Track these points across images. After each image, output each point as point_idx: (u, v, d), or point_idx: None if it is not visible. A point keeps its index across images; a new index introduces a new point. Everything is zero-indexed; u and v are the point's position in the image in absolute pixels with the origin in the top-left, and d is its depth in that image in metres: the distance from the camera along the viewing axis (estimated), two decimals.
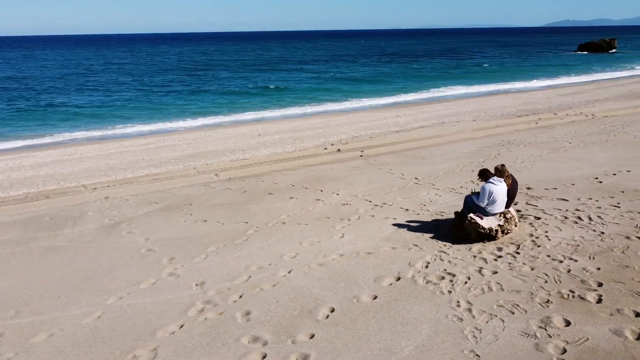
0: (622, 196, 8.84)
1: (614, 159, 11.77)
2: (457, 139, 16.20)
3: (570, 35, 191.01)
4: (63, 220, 9.79)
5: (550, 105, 23.89)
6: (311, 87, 38.12)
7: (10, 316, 5.98)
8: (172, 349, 4.97)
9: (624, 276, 5.77)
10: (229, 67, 60.89)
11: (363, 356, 4.58)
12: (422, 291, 5.77)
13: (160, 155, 16.70)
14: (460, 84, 37.61)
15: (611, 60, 60.55)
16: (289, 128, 21.74)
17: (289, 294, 5.98)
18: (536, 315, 5.01)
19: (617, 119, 18.12)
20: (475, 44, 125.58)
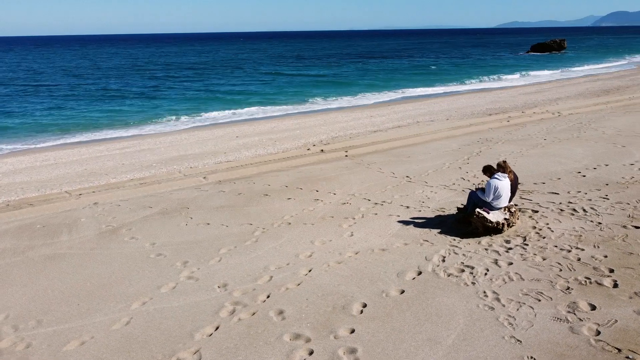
0: (607, 188, 9.38)
1: (590, 154, 12.42)
2: (436, 138, 16.65)
3: (521, 36, 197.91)
4: (56, 227, 9.55)
5: (516, 103, 24.81)
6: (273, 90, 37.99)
7: (33, 326, 5.85)
8: (215, 349, 5.01)
9: (631, 262, 6.19)
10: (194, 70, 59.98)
11: (408, 347, 4.76)
12: (447, 284, 6.01)
13: (140, 159, 16.42)
14: (424, 84, 38.46)
15: (563, 59, 63.24)
16: (265, 130, 21.74)
17: (316, 291, 6.10)
18: (562, 302, 5.33)
19: (582, 115, 19.04)
20: (432, 44, 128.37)
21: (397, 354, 4.67)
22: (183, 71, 56.35)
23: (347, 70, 54.52)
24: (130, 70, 58.30)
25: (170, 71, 56.87)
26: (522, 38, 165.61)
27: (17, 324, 5.92)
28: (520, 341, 4.68)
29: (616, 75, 38.01)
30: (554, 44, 77.67)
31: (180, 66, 65.38)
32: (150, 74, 52.93)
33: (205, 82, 43.62)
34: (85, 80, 47.26)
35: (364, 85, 38.77)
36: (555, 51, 77.40)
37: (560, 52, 76.88)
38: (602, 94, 25.95)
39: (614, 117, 18.30)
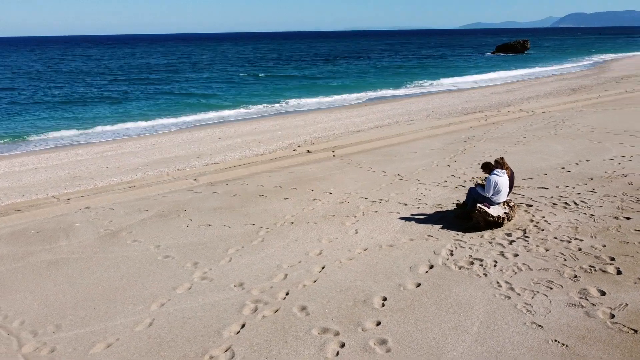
0: (593, 183, 9.87)
1: (570, 150, 12.98)
2: (419, 137, 17.02)
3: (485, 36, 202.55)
4: (52, 233, 9.42)
5: (489, 103, 25.52)
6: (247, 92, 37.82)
7: (52, 331, 5.82)
8: (246, 346, 5.11)
9: (629, 250, 6.59)
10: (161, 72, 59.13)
11: (436, 336, 4.98)
12: (459, 276, 6.26)
13: (123, 163, 16.23)
14: (396, 85, 39.04)
15: (527, 60, 65.16)
16: (247, 131, 21.75)
17: (334, 287, 6.26)
18: (572, 289, 5.65)
19: (555, 114, 19.78)
20: (399, 45, 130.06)
21: (427, 343, 4.89)
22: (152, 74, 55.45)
23: (317, 71, 54.80)
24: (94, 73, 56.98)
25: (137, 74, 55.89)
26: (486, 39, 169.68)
27: (35, 329, 5.87)
28: (542, 326, 4.96)
29: (580, 75, 39.46)
30: (517, 44, 79.92)
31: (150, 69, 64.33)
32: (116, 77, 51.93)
33: (174, 85, 42.98)
34: (50, 84, 45.99)
35: (337, 86, 39.09)
36: (519, 52, 79.64)
37: (524, 53, 79.15)
38: (570, 93, 26.95)
39: (585, 115, 19.08)
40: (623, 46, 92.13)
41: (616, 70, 41.10)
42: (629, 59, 56.77)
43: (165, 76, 51.77)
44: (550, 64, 56.76)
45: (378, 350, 4.83)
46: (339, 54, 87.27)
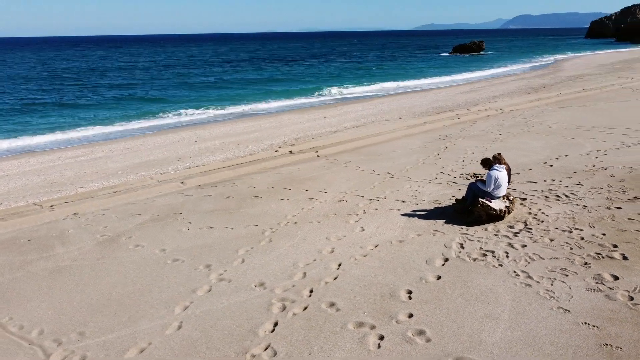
0: (577, 176, 10.40)
1: (547, 146, 13.58)
2: (397, 136, 17.36)
3: (439, 37, 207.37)
4: (45, 240, 9.15)
5: (458, 102, 26.25)
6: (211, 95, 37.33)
7: (76, 339, 5.70)
8: (286, 343, 5.18)
9: (628, 237, 7.03)
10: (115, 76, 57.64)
11: (471, 325, 5.19)
12: (476, 267, 6.52)
13: (101, 167, 15.84)
14: (360, 85, 39.45)
15: (483, 60, 67.22)
16: (222, 133, 21.58)
17: (357, 283, 6.40)
18: (587, 275, 6.00)
19: (524, 112, 20.58)
20: (357, 46, 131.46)
21: (464, 332, 5.09)
22: (105, 78, 53.84)
23: (276, 72, 54.44)
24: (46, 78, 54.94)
25: (95, 77, 54.27)
26: (441, 39, 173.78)
27: (57, 338, 5.74)
28: (568, 310, 5.26)
29: (537, 75, 41.06)
30: (473, 45, 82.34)
31: (104, 71, 62.55)
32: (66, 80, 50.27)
33: (130, 90, 41.66)
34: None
35: (300, 88, 39.05)
36: (475, 52, 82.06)
37: (480, 54, 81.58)
38: (533, 92, 28.05)
39: (551, 112, 19.95)
40: (570, 46, 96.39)
41: (569, 70, 42.99)
42: (577, 59, 59.45)
43: (124, 79, 50.46)
44: (506, 63, 58.76)
45: (418, 341, 5.00)
46: (296, 56, 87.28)
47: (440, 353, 4.77)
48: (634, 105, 20.34)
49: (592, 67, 44.40)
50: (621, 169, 10.69)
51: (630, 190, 9.19)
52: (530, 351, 4.68)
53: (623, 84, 28.07)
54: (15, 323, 6.17)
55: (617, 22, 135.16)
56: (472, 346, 4.83)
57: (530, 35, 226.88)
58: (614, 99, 22.51)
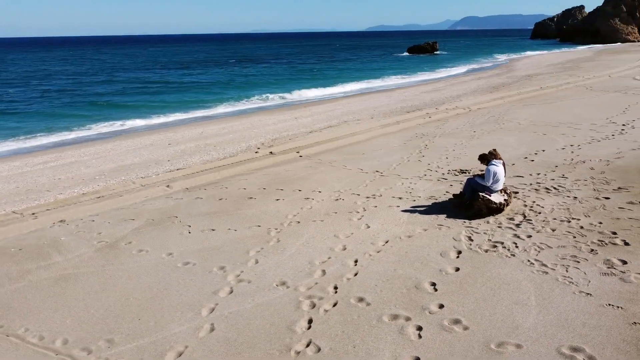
0: (560, 170, 10.95)
1: (522, 142, 14.20)
2: (374, 135, 17.68)
3: (391, 38, 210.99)
4: (37, 249, 8.86)
5: (424, 101, 26.92)
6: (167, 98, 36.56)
7: (106, 346, 5.60)
8: (326, 338, 5.27)
9: (623, 225, 7.52)
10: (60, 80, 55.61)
11: (503, 311, 5.45)
12: (490, 258, 6.81)
13: (76, 173, 15.37)
14: (321, 86, 39.63)
15: (438, 60, 69.06)
16: (195, 135, 21.30)
17: (379, 278, 6.56)
18: (597, 260, 6.39)
19: (490, 110, 21.36)
20: (312, 47, 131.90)
21: (498, 318, 5.34)
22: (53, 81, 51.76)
23: (229, 75, 53.25)
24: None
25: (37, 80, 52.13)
26: (393, 40, 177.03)
27: (85, 346, 5.61)
28: (590, 294, 5.61)
29: (493, 74, 42.58)
30: (427, 46, 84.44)
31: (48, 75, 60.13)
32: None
33: (82, 93, 40.17)
34: None
35: (258, 90, 38.56)
36: (429, 53, 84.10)
37: (434, 54, 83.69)
38: (493, 91, 29.10)
39: (516, 110, 20.80)
40: (519, 47, 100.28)
41: (522, 69, 44.80)
42: (527, 59, 61.98)
43: (73, 82, 48.72)
44: (461, 63, 60.58)
45: (457, 329, 5.21)
46: (248, 58, 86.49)
47: (481, 339, 4.99)
48: (591, 102, 21.49)
49: (543, 66, 46.42)
50: (598, 161, 11.34)
51: (613, 181, 9.79)
52: (565, 333, 4.98)
53: (576, 83, 29.54)
54: (33, 334, 5.98)
55: (559, 23, 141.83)
56: (510, 331, 5.08)
57: (478, 36, 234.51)
58: (571, 97, 23.69)
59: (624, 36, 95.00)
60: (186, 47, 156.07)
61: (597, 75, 32.65)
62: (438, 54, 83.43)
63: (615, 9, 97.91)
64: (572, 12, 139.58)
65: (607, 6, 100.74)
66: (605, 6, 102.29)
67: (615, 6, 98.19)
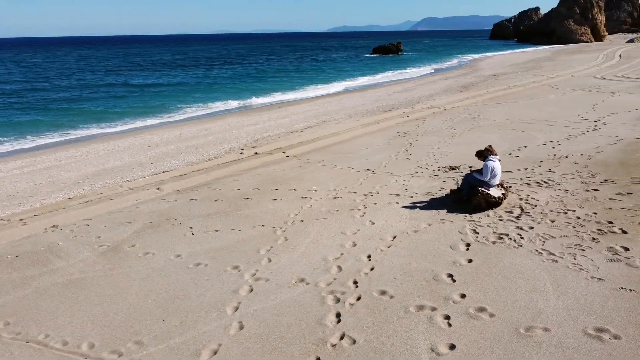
0: (545, 165, 11.44)
1: (503, 139, 14.71)
2: (357, 135, 17.92)
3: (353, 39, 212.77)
4: (35, 255, 8.68)
5: (398, 101, 27.39)
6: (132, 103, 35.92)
7: (137, 348, 5.59)
8: (359, 330, 5.42)
9: (618, 214, 7.97)
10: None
11: (523, 298, 5.73)
12: (499, 249, 7.11)
13: (56, 178, 15.00)
14: (291, 89, 39.62)
15: (404, 60, 70.14)
16: (173, 137, 21.06)
17: (396, 271, 6.75)
18: (601, 248, 6.78)
19: (465, 108, 21.96)
20: (275, 48, 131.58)
21: (520, 305, 5.61)
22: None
23: (194, 77, 51.98)
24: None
25: None
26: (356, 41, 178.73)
27: (115, 349, 5.58)
28: (602, 279, 5.96)
29: (459, 74, 43.62)
30: (392, 46, 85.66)
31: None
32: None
33: (44, 98, 38.87)
34: None
35: (224, 93, 38.09)
36: (394, 53, 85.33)
37: (398, 54, 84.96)
38: (464, 90, 29.87)
39: (490, 108, 21.46)
40: (480, 47, 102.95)
41: (487, 69, 46.08)
42: (490, 59, 63.71)
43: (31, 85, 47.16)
44: (426, 63, 61.77)
45: (483, 317, 5.45)
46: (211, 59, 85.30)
47: (510, 325, 5.25)
48: (559, 100, 22.38)
49: (506, 66, 47.87)
50: (580, 156, 11.91)
51: (598, 174, 10.31)
52: (587, 315, 5.30)
53: (541, 81, 30.65)
54: (55, 339, 5.90)
55: (516, 24, 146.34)
56: (535, 316, 5.35)
57: (439, 37, 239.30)
58: (539, 95, 24.59)
59: (578, 37, 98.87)
60: (137, 48, 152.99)
61: (560, 75, 33.97)
62: (403, 54, 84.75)
63: (569, 11, 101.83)
64: (528, 14, 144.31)
65: (562, 8, 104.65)
66: (559, 8, 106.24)
67: (569, 8, 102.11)
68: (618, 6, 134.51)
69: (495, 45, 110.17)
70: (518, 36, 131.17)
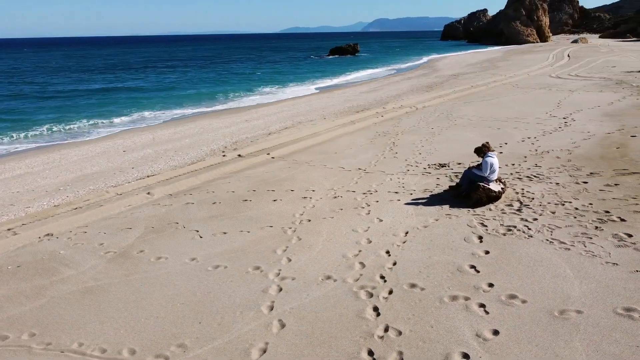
0: (530, 160, 12.03)
1: (482, 136, 15.30)
2: (337, 135, 18.17)
3: (306, 40, 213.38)
4: (38, 264, 8.45)
5: (368, 101, 27.85)
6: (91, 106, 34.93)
7: (182, 351, 5.60)
8: (401, 322, 5.63)
9: (612, 204, 8.54)
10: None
11: (548, 285, 6.10)
12: (512, 240, 7.50)
13: (33, 185, 14.52)
14: (249, 89, 39.47)
15: (362, 61, 71.10)
16: (147, 141, 20.69)
17: (419, 265, 7.01)
18: (606, 236, 7.27)
19: (436, 108, 22.62)
20: (231, 50, 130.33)
21: (547, 290, 5.98)
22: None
23: (148, 81, 50.40)
24: None
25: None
26: (309, 42, 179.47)
27: (160, 353, 5.57)
28: (617, 263, 6.41)
29: (420, 74, 44.71)
30: (349, 47, 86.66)
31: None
32: None
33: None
34: None
35: (186, 94, 37.53)
36: (351, 54, 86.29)
37: (355, 55, 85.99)
38: (429, 90, 30.68)
39: (460, 107, 22.19)
40: (434, 48, 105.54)
41: (445, 69, 47.41)
42: (446, 59, 65.51)
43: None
44: (384, 64, 62.92)
45: (516, 303, 5.77)
46: (165, 61, 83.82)
47: (543, 309, 5.59)
48: (524, 98, 23.40)
49: (463, 66, 49.40)
50: (560, 151, 12.58)
51: (583, 167, 10.96)
52: (612, 297, 5.71)
53: (501, 81, 31.88)
54: (91, 348, 5.81)
55: (465, 25, 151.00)
56: (564, 300, 5.73)
57: (391, 38, 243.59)
58: (503, 94, 25.60)
59: (525, 37, 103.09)
60: (83, 50, 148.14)
61: (517, 74, 35.42)
62: (359, 55, 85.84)
63: (516, 12, 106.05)
64: (477, 15, 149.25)
65: (509, 10, 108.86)
66: (507, 9, 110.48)
67: (516, 10, 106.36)
68: (560, 8, 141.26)
69: (447, 46, 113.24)
70: (468, 37, 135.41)
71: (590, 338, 5.02)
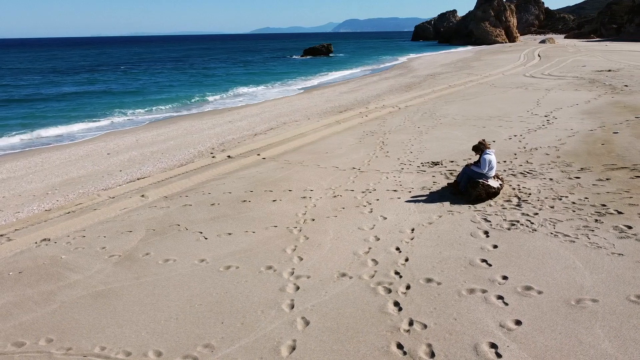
0: (521, 156, 12.38)
1: (469, 135, 15.65)
2: (325, 135, 18.29)
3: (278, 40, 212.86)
4: (42, 270, 8.32)
5: (349, 101, 28.07)
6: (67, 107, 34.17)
7: (209, 351, 5.62)
8: (424, 316, 5.78)
9: (607, 198, 8.89)
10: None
11: (560, 276, 6.34)
12: (517, 234, 7.74)
13: (19, 190, 14.19)
14: (224, 90, 39.14)
15: (337, 62, 71.43)
16: (131, 143, 20.41)
17: (430, 260, 7.18)
18: (607, 228, 7.58)
19: (419, 107, 22.98)
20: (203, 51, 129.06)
21: (560, 281, 6.21)
22: None
23: (119, 83, 49.26)
24: None
25: None
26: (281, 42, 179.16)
27: (187, 353, 5.58)
28: (622, 254, 6.71)
29: (396, 74, 45.22)
30: (323, 48, 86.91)
31: None
32: None
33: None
34: None
35: (163, 97, 36.62)
36: (324, 54, 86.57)
37: (329, 56, 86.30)
38: (408, 89, 31.10)
39: (442, 106, 22.60)
40: (405, 48, 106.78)
41: (421, 69, 48.09)
42: (420, 59, 66.43)
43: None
44: (359, 64, 63.39)
45: (533, 294, 5.99)
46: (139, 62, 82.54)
47: (560, 299, 5.82)
48: (503, 97, 23.97)
49: (437, 66, 50.18)
50: (548, 148, 12.99)
51: (572, 163, 11.35)
52: (624, 286, 5.98)
53: (478, 80, 32.54)
54: (114, 351, 5.77)
55: (436, 26, 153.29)
56: (578, 290, 5.97)
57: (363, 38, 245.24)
58: (482, 94, 26.16)
59: (494, 38, 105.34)
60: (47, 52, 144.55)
61: (492, 74, 36.20)
62: (333, 56, 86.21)
63: (485, 13, 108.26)
64: (447, 16, 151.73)
65: (478, 11, 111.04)
66: (476, 10, 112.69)
67: (485, 11, 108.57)
68: (526, 9, 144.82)
69: (419, 46, 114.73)
70: (439, 37, 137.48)
71: (609, 325, 5.26)
